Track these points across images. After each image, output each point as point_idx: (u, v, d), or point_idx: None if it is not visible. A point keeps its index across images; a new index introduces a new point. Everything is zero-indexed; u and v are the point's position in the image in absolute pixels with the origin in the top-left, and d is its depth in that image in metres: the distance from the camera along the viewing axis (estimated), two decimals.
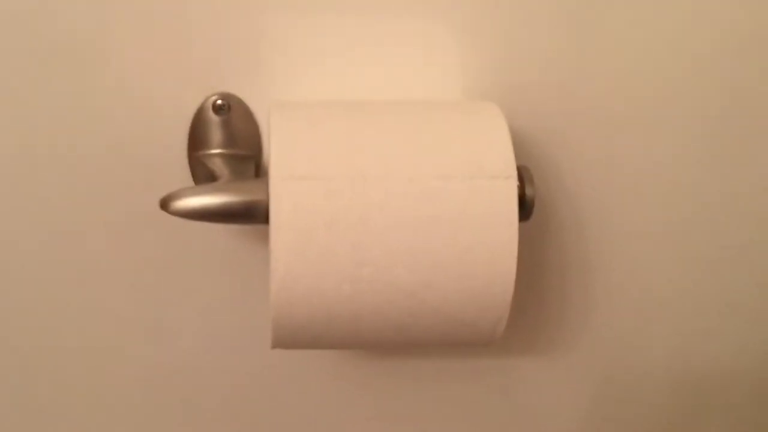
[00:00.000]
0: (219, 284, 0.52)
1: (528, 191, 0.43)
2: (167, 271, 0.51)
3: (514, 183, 0.41)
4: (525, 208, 0.43)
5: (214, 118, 0.47)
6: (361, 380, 0.56)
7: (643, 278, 0.55)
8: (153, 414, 0.56)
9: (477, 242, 0.40)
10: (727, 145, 0.51)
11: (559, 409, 0.59)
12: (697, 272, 0.55)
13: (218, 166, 0.47)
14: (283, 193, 0.39)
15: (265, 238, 0.50)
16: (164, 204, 0.42)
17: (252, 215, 0.43)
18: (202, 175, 0.48)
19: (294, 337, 0.42)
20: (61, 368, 0.54)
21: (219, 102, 0.47)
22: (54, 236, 0.50)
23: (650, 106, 0.50)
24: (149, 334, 0.53)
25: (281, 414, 0.57)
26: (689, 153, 0.51)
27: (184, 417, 0.56)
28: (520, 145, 0.49)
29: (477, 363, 0.57)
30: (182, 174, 0.48)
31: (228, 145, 0.48)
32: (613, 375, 0.58)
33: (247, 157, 0.48)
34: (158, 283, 0.52)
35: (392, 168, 0.40)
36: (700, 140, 0.51)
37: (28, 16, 0.45)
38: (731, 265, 0.55)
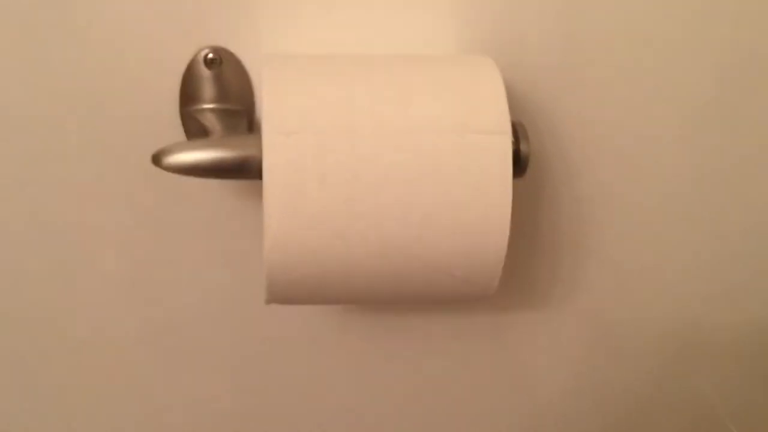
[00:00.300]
0: (213, 239, 0.52)
1: (523, 147, 0.43)
2: (160, 228, 0.51)
3: (508, 139, 0.40)
4: (519, 164, 0.43)
5: (205, 72, 0.47)
6: (355, 335, 0.57)
7: (635, 232, 0.55)
8: (149, 372, 0.56)
9: (470, 197, 0.40)
10: (731, 100, 0.51)
11: (552, 362, 0.59)
12: (691, 224, 0.55)
13: (210, 121, 0.47)
14: (275, 148, 0.39)
15: (258, 193, 0.50)
16: (156, 159, 0.42)
17: (245, 170, 0.42)
18: (195, 130, 0.47)
19: (288, 293, 0.42)
20: (54, 327, 0.54)
21: (210, 56, 0.47)
22: (44, 193, 0.49)
23: (651, 62, 0.50)
24: (143, 292, 0.53)
25: (276, 369, 0.57)
26: (689, 107, 0.51)
27: (181, 374, 0.56)
28: (515, 100, 0.48)
29: (471, 318, 0.57)
30: (174, 129, 0.48)
31: (220, 100, 0.47)
32: (606, 328, 0.58)
33: (240, 111, 0.48)
34: (151, 240, 0.52)
35: (385, 122, 0.40)
36: (701, 95, 0.51)
37: None
38: (726, 226, 0.55)
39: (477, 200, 0.40)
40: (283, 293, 0.42)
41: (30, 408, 0.56)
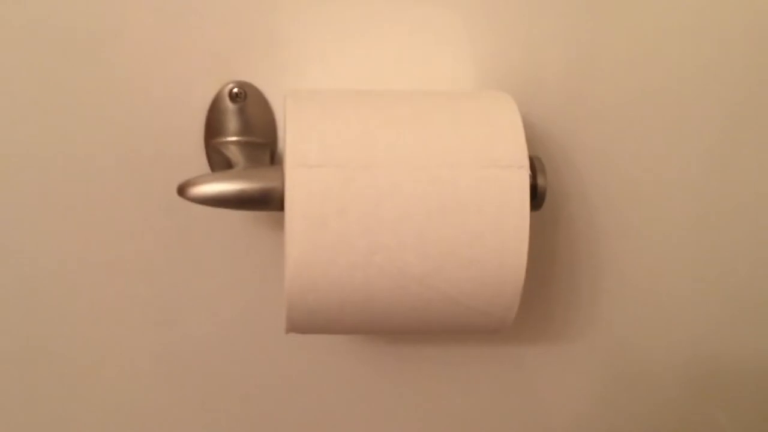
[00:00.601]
0: (234, 270, 0.53)
1: (540, 181, 0.43)
2: (183, 257, 0.52)
3: (526, 173, 0.41)
4: (536, 198, 0.43)
5: (230, 106, 0.48)
6: (371, 365, 0.57)
7: (653, 269, 0.55)
8: (167, 399, 0.57)
9: (488, 230, 0.41)
10: (744, 137, 0.52)
11: (567, 397, 0.59)
12: (708, 264, 0.55)
13: (234, 153, 0.48)
14: (298, 180, 0.40)
15: (279, 224, 0.51)
16: (182, 190, 0.43)
17: (267, 202, 0.43)
18: (219, 163, 0.49)
19: (307, 322, 0.43)
20: (75, 354, 0.54)
21: (235, 90, 0.48)
22: (72, 223, 0.50)
23: (666, 97, 0.50)
24: (166, 320, 0.54)
25: (294, 399, 0.57)
26: (705, 145, 0.52)
27: (199, 402, 0.57)
28: (531, 135, 0.49)
29: (487, 350, 0.57)
30: (199, 161, 0.49)
31: (244, 133, 0.49)
32: (622, 364, 0.58)
33: (263, 144, 0.49)
34: (174, 269, 0.52)
35: (405, 156, 0.41)
36: (716, 132, 0.51)
37: (45, 7, 0.45)
38: (743, 258, 0.55)
39: (495, 233, 0.41)
40: (303, 322, 0.43)
41: None
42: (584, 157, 0.51)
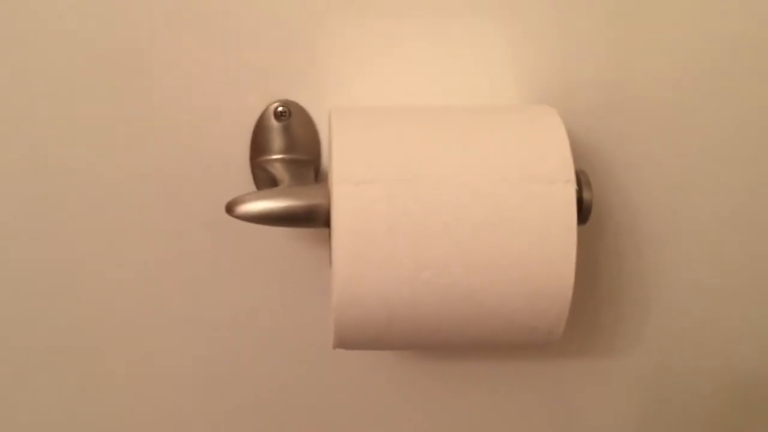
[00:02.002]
0: (279, 287, 0.53)
1: (585, 195, 0.43)
2: (229, 274, 0.53)
3: (572, 187, 0.41)
4: (582, 212, 0.43)
5: (275, 125, 0.49)
6: (416, 381, 0.57)
7: (701, 281, 0.54)
8: (211, 415, 0.57)
9: (535, 245, 0.40)
10: None
11: (610, 412, 0.58)
12: (758, 274, 0.54)
13: (279, 171, 0.48)
14: (344, 197, 0.40)
15: (322, 240, 0.51)
16: (230, 208, 0.44)
17: (313, 219, 0.44)
18: (264, 180, 0.49)
19: (354, 338, 0.43)
20: (120, 371, 0.55)
21: (280, 109, 0.48)
22: (121, 241, 0.51)
23: (709, 101, 0.50)
24: (212, 336, 0.55)
25: (336, 414, 0.58)
26: (751, 149, 0.51)
27: (244, 419, 0.57)
28: (574, 148, 0.49)
29: (531, 366, 0.57)
30: (245, 179, 0.49)
31: (288, 151, 0.49)
32: (669, 381, 0.58)
33: (307, 161, 0.50)
34: (219, 286, 0.53)
35: (450, 172, 0.41)
36: (759, 137, 0.51)
37: (89, 28, 0.46)
38: None
39: (542, 248, 0.40)
40: (350, 338, 0.43)
41: None
42: (627, 167, 0.51)
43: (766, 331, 0.56)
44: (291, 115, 0.49)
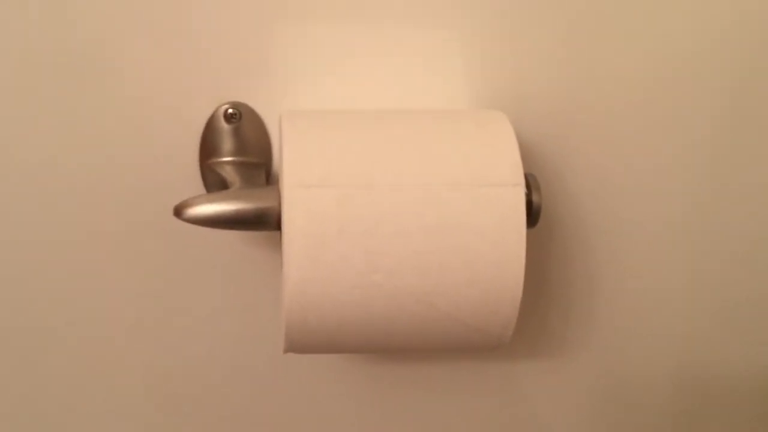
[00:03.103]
0: (228, 290, 0.53)
1: (535, 198, 0.44)
2: (177, 278, 0.52)
3: (521, 190, 0.41)
4: (532, 215, 0.44)
5: (225, 127, 0.48)
6: (368, 384, 0.57)
7: (647, 283, 0.56)
8: (161, 422, 0.56)
9: (486, 248, 0.41)
10: (732, 147, 0.52)
11: (563, 412, 0.59)
12: (701, 276, 0.56)
13: (229, 173, 0.48)
14: (296, 200, 0.40)
15: (273, 244, 0.51)
16: (178, 211, 0.43)
17: (264, 222, 0.44)
18: (214, 183, 0.49)
19: (306, 342, 0.43)
20: (71, 374, 0.54)
21: (230, 111, 0.48)
22: (65, 243, 0.50)
23: (654, 111, 0.51)
24: (162, 340, 0.54)
25: (289, 419, 0.57)
26: (694, 157, 0.52)
27: (194, 425, 0.57)
28: (524, 153, 0.50)
29: (482, 367, 0.57)
30: (194, 181, 0.49)
31: (239, 153, 0.49)
32: (617, 380, 0.59)
33: (258, 164, 0.49)
34: (168, 290, 0.52)
35: (402, 176, 0.41)
36: (705, 144, 0.52)
37: (40, 28, 0.45)
38: (735, 268, 0.56)
39: (492, 251, 0.41)
40: (301, 342, 0.43)
41: None
42: (576, 171, 0.52)
43: (716, 329, 0.57)
44: (241, 118, 0.48)
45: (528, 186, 0.43)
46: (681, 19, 0.49)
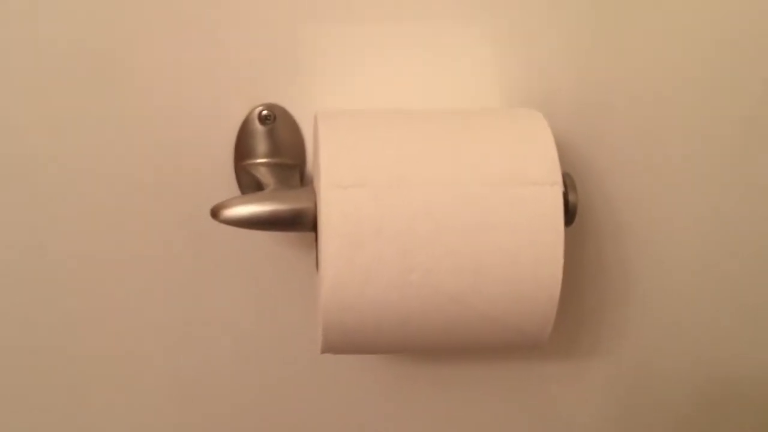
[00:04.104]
0: (264, 291, 0.53)
1: (571, 198, 0.44)
2: (214, 279, 0.52)
3: (559, 190, 0.41)
4: (568, 214, 0.43)
5: (259, 128, 0.48)
6: (402, 384, 0.57)
7: (680, 282, 0.55)
8: (191, 421, 0.57)
9: (523, 247, 0.41)
10: (763, 135, 0.51)
11: (594, 412, 0.59)
12: (737, 278, 0.55)
13: (264, 175, 0.48)
14: (333, 200, 0.40)
15: (307, 244, 0.51)
16: (215, 212, 0.43)
17: (299, 223, 0.44)
18: (248, 184, 0.49)
19: (342, 342, 0.43)
20: (88, 371, 0.54)
21: (264, 113, 0.48)
22: (105, 246, 0.51)
23: (687, 107, 0.50)
24: (196, 341, 0.54)
25: (323, 419, 0.57)
26: (728, 154, 0.52)
27: (225, 424, 0.57)
28: (558, 150, 0.49)
29: (515, 367, 0.57)
30: (229, 183, 0.49)
31: (273, 155, 0.49)
32: (645, 383, 0.58)
33: (292, 165, 0.49)
34: (204, 292, 0.52)
35: (438, 175, 0.41)
36: (738, 140, 0.51)
37: (77, 33, 0.46)
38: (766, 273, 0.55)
39: (529, 250, 0.41)
40: (338, 343, 0.43)
41: None
42: (611, 169, 0.51)
43: (744, 331, 0.57)
44: (276, 119, 0.48)
45: (564, 185, 0.43)
46: (713, 12, 0.48)
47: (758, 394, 0.59)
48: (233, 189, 0.49)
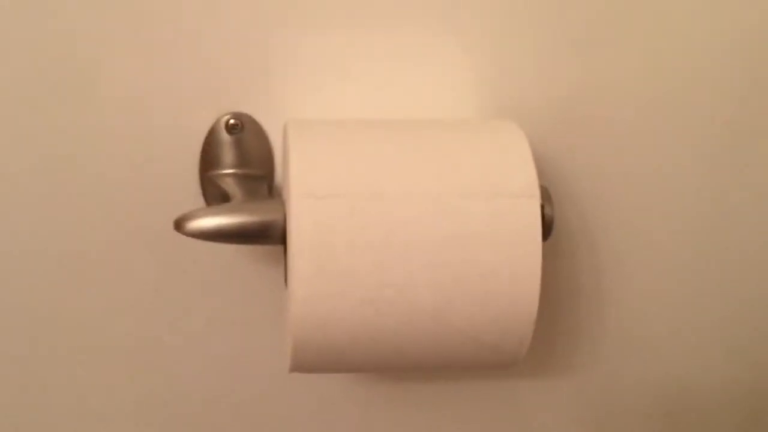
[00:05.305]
0: (226, 306, 0.51)
1: (547, 210, 0.43)
2: (175, 292, 0.51)
3: (537, 202, 0.40)
4: (544, 227, 0.42)
5: (226, 138, 0.47)
6: (372, 403, 0.55)
7: (656, 294, 0.55)
8: None
9: (500, 262, 0.40)
10: (742, 155, 0.52)
11: (566, 428, 0.58)
12: (710, 292, 0.55)
13: (230, 186, 0.46)
14: (304, 211, 0.39)
15: (274, 258, 0.49)
16: (179, 224, 0.42)
17: (267, 235, 0.42)
18: (214, 195, 0.47)
19: (314, 361, 0.41)
20: (68, 384, 0.52)
21: (231, 121, 0.47)
22: (63, 253, 0.49)
23: (663, 119, 0.50)
24: (159, 357, 0.52)
25: None
26: (704, 165, 0.51)
27: None
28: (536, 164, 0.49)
29: (489, 384, 0.56)
30: (193, 194, 0.48)
31: (240, 165, 0.47)
32: (623, 394, 0.58)
33: (260, 176, 0.48)
34: (166, 305, 0.51)
35: (414, 186, 0.40)
36: (715, 151, 0.51)
37: (39, 38, 0.45)
38: (747, 278, 0.55)
39: (507, 264, 0.40)
40: (309, 361, 0.41)
41: None
42: (585, 182, 0.51)
43: (719, 344, 0.57)
44: (243, 128, 0.47)
45: (541, 198, 0.42)
46: (689, 25, 0.48)
47: (730, 406, 0.59)
48: (198, 200, 0.48)
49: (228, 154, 0.47)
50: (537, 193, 0.40)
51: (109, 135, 0.46)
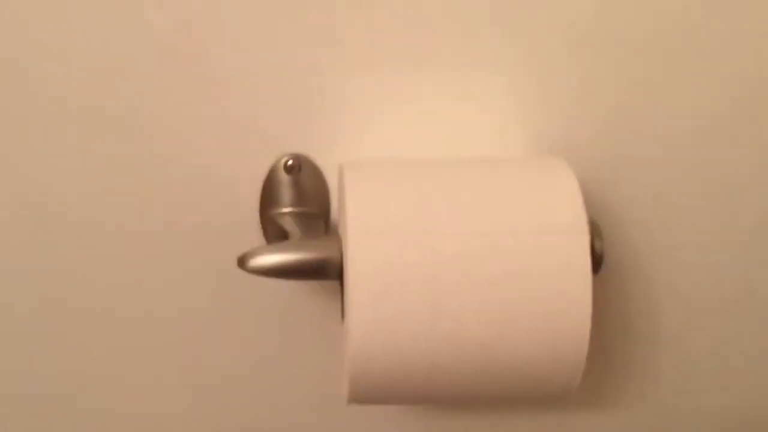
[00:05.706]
0: (285, 340, 0.53)
1: (597, 245, 0.43)
2: (238, 329, 0.52)
3: (586, 238, 0.41)
4: (594, 262, 0.43)
5: (285, 178, 0.49)
6: None
7: (706, 328, 0.54)
8: None
9: (550, 297, 0.40)
10: None
11: None
12: (766, 322, 0.54)
13: (289, 224, 0.48)
14: (360, 250, 0.40)
15: (331, 293, 0.51)
16: (242, 262, 0.44)
17: (325, 272, 0.44)
18: (274, 234, 0.49)
19: (370, 393, 0.42)
20: (130, 413, 0.54)
21: (290, 162, 0.49)
22: (130, 297, 0.51)
23: (713, 151, 0.50)
24: (220, 392, 0.54)
25: None
26: (760, 199, 0.51)
27: None
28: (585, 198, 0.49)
29: (540, 417, 0.56)
30: (254, 232, 0.49)
31: (298, 204, 0.49)
32: (679, 426, 0.57)
33: (317, 215, 0.50)
34: (229, 341, 0.53)
35: (465, 223, 0.41)
36: (761, 189, 0.51)
37: (102, 91, 0.47)
38: None
39: (557, 299, 0.40)
40: (365, 393, 0.42)
41: None
42: (630, 217, 0.51)
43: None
44: (301, 169, 0.49)
45: (590, 233, 0.43)
46: (740, 58, 0.48)
47: None
48: (259, 238, 0.50)
49: (287, 193, 0.49)
50: (586, 228, 0.41)
51: (174, 176, 0.48)
